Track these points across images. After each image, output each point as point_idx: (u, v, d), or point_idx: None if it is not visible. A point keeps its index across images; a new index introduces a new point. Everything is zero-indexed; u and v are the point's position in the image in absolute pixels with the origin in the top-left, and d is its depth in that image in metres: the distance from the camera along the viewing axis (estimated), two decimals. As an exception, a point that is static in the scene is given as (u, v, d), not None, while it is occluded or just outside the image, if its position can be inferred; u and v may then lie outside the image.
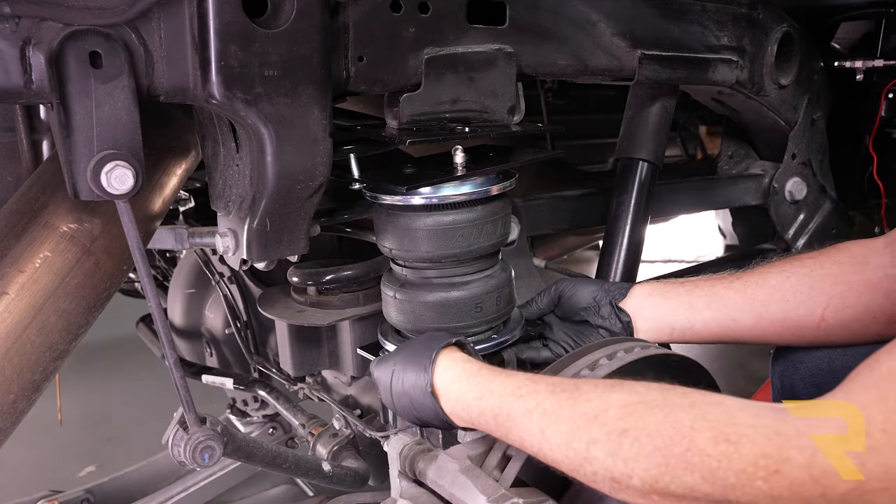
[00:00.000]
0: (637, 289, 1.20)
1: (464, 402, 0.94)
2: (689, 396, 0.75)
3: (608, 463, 0.75)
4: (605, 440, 0.76)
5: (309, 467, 1.36)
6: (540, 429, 0.82)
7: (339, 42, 0.98)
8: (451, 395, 0.96)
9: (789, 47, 1.62)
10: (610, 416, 0.77)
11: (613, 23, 1.26)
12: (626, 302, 1.19)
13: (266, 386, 1.76)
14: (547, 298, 1.26)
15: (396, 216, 1.12)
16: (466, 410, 0.93)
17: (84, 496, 2.00)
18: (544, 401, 0.84)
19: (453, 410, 0.96)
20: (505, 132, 1.18)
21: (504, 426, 0.88)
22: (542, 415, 0.83)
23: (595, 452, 0.76)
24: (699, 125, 2.77)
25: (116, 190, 0.85)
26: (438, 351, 1.00)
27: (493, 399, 0.90)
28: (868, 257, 1.05)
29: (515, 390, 0.88)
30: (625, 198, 1.47)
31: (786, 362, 1.16)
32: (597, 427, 0.77)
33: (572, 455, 0.79)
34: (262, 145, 0.94)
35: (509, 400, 0.88)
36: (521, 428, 0.85)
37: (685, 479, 0.70)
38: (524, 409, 0.85)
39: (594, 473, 0.77)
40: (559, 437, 0.80)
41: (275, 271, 1.16)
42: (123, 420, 3.07)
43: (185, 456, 1.08)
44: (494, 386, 0.91)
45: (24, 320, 0.97)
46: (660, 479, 0.71)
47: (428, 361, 0.98)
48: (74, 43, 0.80)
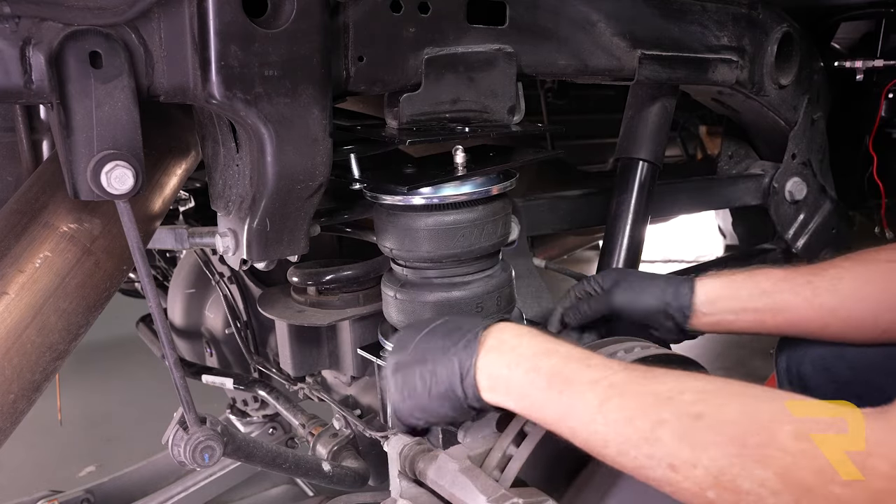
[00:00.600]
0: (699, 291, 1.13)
1: (515, 356, 0.89)
2: (769, 392, 0.72)
3: (673, 447, 0.70)
4: (675, 422, 0.71)
5: (309, 467, 1.36)
6: (600, 400, 0.78)
7: (339, 42, 0.98)
8: (505, 348, 0.91)
9: (789, 47, 1.62)
10: (685, 399, 0.72)
11: (613, 23, 1.26)
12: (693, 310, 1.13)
13: (266, 386, 1.76)
14: (594, 305, 1.17)
15: (397, 216, 1.12)
16: (512, 367, 0.88)
17: (84, 496, 2.00)
18: (614, 374, 0.80)
19: (490, 371, 0.90)
20: (505, 132, 1.18)
21: (555, 390, 0.83)
22: (608, 387, 0.78)
23: (661, 434, 0.72)
24: (699, 125, 2.77)
25: (116, 190, 0.85)
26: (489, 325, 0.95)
27: (556, 359, 0.86)
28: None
29: (584, 359, 0.85)
30: (625, 198, 1.47)
31: (794, 346, 1.15)
32: (669, 408, 0.72)
33: (630, 433, 0.74)
34: (262, 145, 0.94)
35: (575, 365, 0.84)
36: (575, 395, 0.80)
37: (757, 472, 0.65)
38: (589, 378, 0.81)
39: (650, 457, 0.72)
40: (621, 411, 0.75)
41: (275, 271, 1.16)
42: (123, 420, 3.07)
43: (185, 456, 1.08)
44: (563, 349, 0.87)
45: (24, 320, 0.97)
46: (728, 471, 0.67)
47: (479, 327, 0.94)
48: (74, 43, 0.80)
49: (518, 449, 0.95)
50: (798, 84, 1.70)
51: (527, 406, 0.87)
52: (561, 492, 0.95)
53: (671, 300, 1.13)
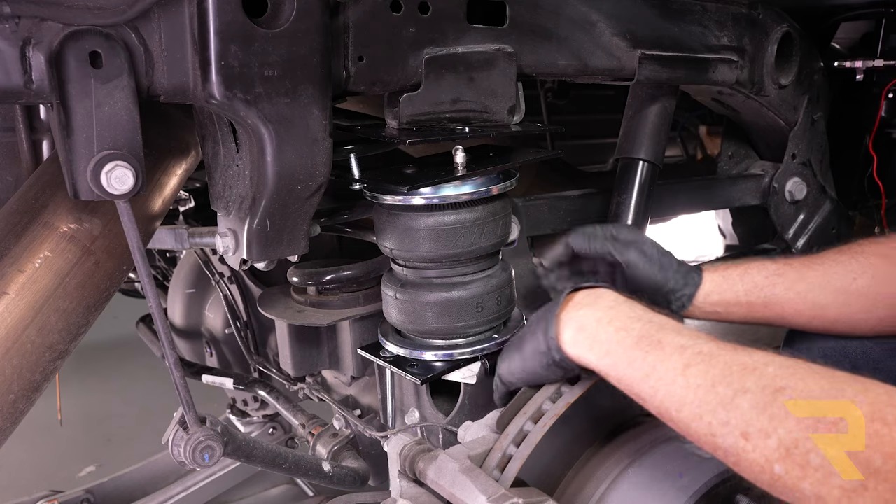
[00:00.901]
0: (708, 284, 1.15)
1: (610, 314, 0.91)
2: (852, 375, 0.71)
3: (750, 416, 0.71)
4: (757, 392, 0.72)
5: (309, 467, 1.36)
6: (685, 364, 0.79)
7: (339, 42, 0.98)
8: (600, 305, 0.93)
9: (789, 47, 1.62)
10: (769, 371, 0.73)
11: (613, 23, 1.26)
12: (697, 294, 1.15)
13: (266, 386, 1.76)
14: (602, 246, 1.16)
15: (397, 216, 1.12)
16: (602, 323, 0.90)
17: (84, 496, 2.00)
18: (704, 344, 0.81)
19: (582, 327, 0.92)
20: (505, 132, 1.18)
21: (641, 350, 0.85)
22: (695, 353, 0.80)
23: (740, 401, 0.72)
24: (699, 125, 2.77)
25: (116, 190, 0.85)
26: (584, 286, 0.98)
27: (650, 325, 0.87)
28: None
29: (677, 327, 0.87)
30: (625, 198, 1.47)
31: (799, 345, 1.16)
32: (753, 378, 0.73)
33: (710, 398, 0.75)
34: (262, 145, 0.94)
35: (669, 332, 0.85)
36: (662, 357, 0.82)
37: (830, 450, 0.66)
38: (678, 343, 0.83)
39: (724, 423, 0.73)
40: (704, 376, 0.77)
41: (275, 271, 1.16)
42: (123, 420, 3.08)
43: (185, 456, 1.08)
44: (658, 317, 0.90)
45: (24, 320, 0.97)
46: (802, 444, 0.67)
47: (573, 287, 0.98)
48: (74, 43, 0.80)
49: (518, 449, 0.95)
50: (798, 84, 1.70)
51: (608, 364, 0.88)
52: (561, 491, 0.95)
53: (679, 285, 1.14)
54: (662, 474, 0.99)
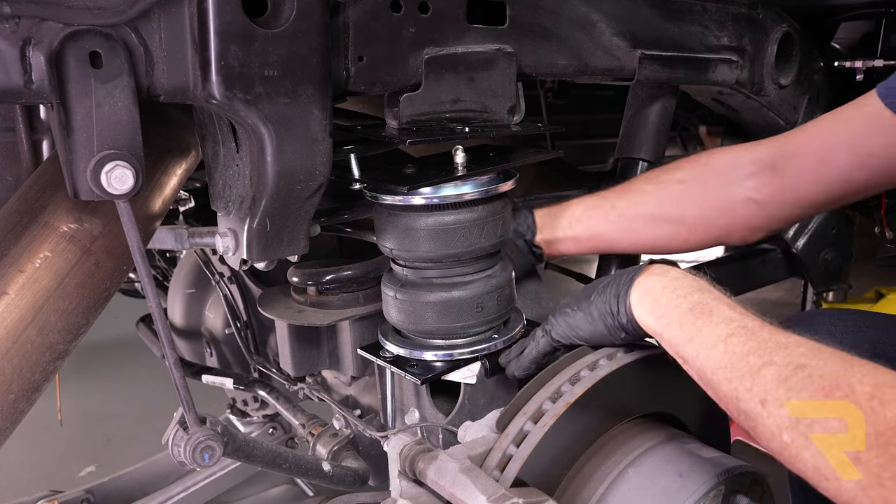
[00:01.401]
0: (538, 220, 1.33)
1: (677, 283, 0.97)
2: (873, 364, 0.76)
3: (771, 386, 0.77)
4: (782, 366, 0.78)
5: (309, 467, 1.36)
6: (728, 333, 0.86)
7: (339, 42, 0.98)
8: (669, 275, 0.99)
9: (789, 47, 1.62)
10: (798, 351, 0.79)
11: (613, 23, 1.26)
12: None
13: (266, 386, 1.76)
14: None
15: (397, 216, 1.12)
16: (667, 290, 0.96)
17: (84, 496, 2.00)
18: (750, 320, 0.87)
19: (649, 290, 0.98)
20: (505, 132, 1.18)
21: (692, 315, 0.91)
22: (740, 326, 0.86)
23: (766, 372, 0.79)
24: (699, 125, 2.78)
25: (116, 190, 0.85)
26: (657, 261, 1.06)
27: (707, 297, 0.93)
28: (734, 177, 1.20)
29: (731, 303, 0.93)
30: (625, 198, 1.47)
31: None
32: (782, 354, 0.79)
33: (741, 366, 0.81)
34: (262, 145, 0.94)
35: (721, 304, 0.92)
36: (709, 324, 0.89)
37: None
38: (727, 315, 0.89)
39: (748, 389, 0.79)
40: (742, 346, 0.83)
41: (275, 271, 1.16)
42: (123, 420, 3.07)
43: (185, 456, 1.08)
44: (717, 293, 0.95)
45: (24, 320, 0.97)
46: (809, 416, 0.73)
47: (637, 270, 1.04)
48: (74, 43, 0.80)
49: (518, 449, 0.95)
50: (798, 84, 1.70)
51: (663, 325, 0.95)
52: (561, 491, 0.95)
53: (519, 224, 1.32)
54: (662, 474, 0.99)
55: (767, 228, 1.26)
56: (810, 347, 0.79)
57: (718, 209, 1.23)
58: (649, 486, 0.98)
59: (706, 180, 1.23)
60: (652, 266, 1.03)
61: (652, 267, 1.03)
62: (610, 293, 1.03)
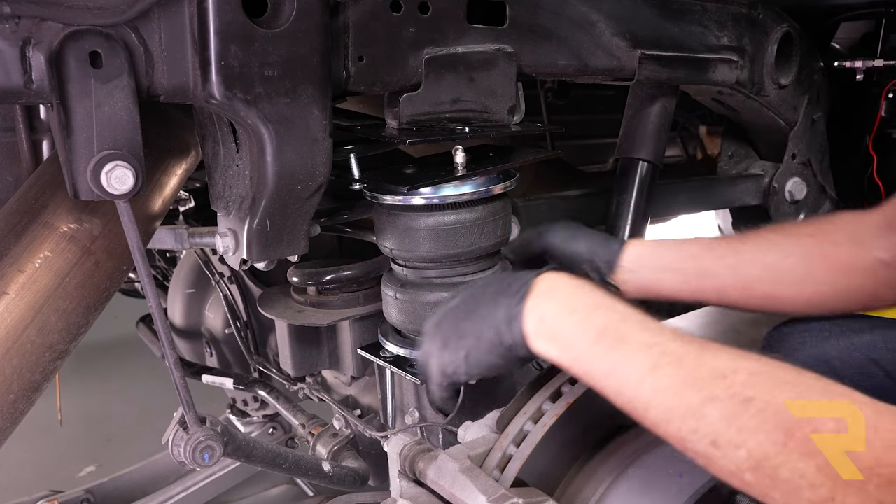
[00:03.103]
0: (629, 251, 1.15)
1: (570, 305, 0.87)
2: (822, 381, 0.71)
3: (719, 426, 0.71)
4: (726, 401, 0.71)
5: (309, 467, 1.36)
6: (652, 365, 0.77)
7: (339, 42, 0.98)
8: (559, 294, 0.89)
9: (789, 47, 1.62)
10: (738, 379, 0.72)
11: (613, 23, 1.26)
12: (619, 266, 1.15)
13: (266, 386, 1.76)
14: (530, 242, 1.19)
15: (397, 216, 1.12)
16: (565, 314, 0.86)
17: (84, 496, 2.00)
18: (669, 342, 0.79)
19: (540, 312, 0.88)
20: (505, 132, 1.18)
21: (603, 346, 0.82)
22: (661, 353, 0.78)
23: (709, 410, 0.72)
24: (699, 125, 2.77)
25: (116, 190, 0.85)
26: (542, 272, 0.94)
27: (611, 315, 0.84)
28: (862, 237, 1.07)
29: (641, 321, 0.83)
30: (625, 198, 1.47)
31: (777, 349, 1.15)
32: (721, 386, 0.72)
33: (677, 404, 0.74)
34: (262, 145, 0.94)
35: (631, 325, 0.82)
36: (626, 356, 0.80)
37: (798, 465, 0.66)
38: (642, 341, 0.80)
39: (694, 431, 0.73)
40: (672, 380, 0.75)
41: (275, 271, 1.16)
42: (123, 420, 3.07)
43: (185, 456, 1.08)
44: (620, 307, 0.86)
45: (24, 320, 0.97)
46: (772, 459, 0.68)
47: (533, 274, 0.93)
48: (74, 43, 0.80)
49: (518, 449, 0.95)
50: (798, 84, 1.70)
51: (571, 358, 0.85)
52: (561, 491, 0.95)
53: (599, 250, 1.14)
54: (662, 474, 0.99)
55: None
56: (750, 373, 0.73)
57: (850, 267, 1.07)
58: (650, 486, 0.98)
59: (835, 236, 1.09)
60: (538, 281, 0.92)
61: (538, 283, 0.91)
62: (497, 320, 0.90)
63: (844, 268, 1.06)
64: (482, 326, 0.92)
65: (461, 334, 0.94)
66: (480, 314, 0.92)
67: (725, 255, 1.12)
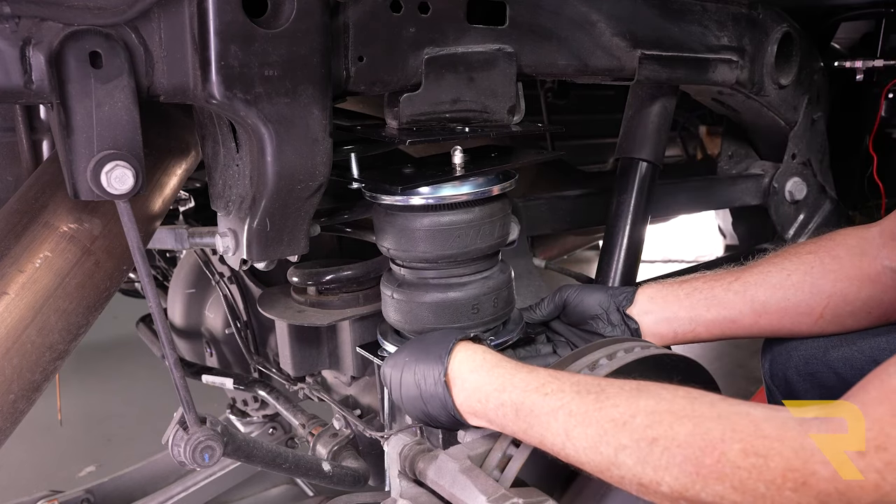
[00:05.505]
0: (641, 294, 1.20)
1: (482, 392, 0.93)
2: (716, 407, 0.76)
3: (637, 470, 0.77)
4: (634, 447, 0.77)
5: (309, 467, 1.35)
6: (565, 430, 0.83)
7: (339, 42, 0.98)
8: (468, 384, 0.96)
9: (789, 47, 1.62)
10: (638, 423, 0.78)
11: (613, 23, 1.26)
12: (632, 308, 1.19)
13: (266, 386, 1.76)
14: (551, 306, 1.25)
15: (395, 216, 1.12)
16: (483, 402, 0.93)
17: (84, 496, 2.00)
18: (570, 402, 0.85)
19: (466, 402, 0.95)
20: (505, 132, 1.18)
21: (525, 421, 0.88)
22: (567, 416, 0.84)
23: (623, 458, 0.78)
24: (699, 125, 2.78)
25: (116, 190, 0.85)
26: (455, 343, 1.00)
27: (515, 392, 0.90)
28: (865, 249, 1.07)
29: (540, 387, 0.89)
30: (625, 198, 1.47)
31: (777, 351, 1.16)
32: (626, 434, 0.78)
33: (599, 459, 0.80)
34: (262, 145, 0.94)
35: (533, 396, 0.88)
36: (543, 426, 0.86)
37: (716, 488, 0.72)
38: (549, 408, 0.86)
39: (622, 478, 0.79)
40: (586, 440, 0.81)
41: (275, 271, 1.16)
42: (123, 420, 3.07)
43: (185, 456, 1.08)
44: (517, 380, 0.91)
45: (24, 320, 0.97)
46: (690, 488, 0.73)
47: (444, 351, 0.99)
48: (74, 43, 0.80)
49: (518, 449, 0.95)
50: (798, 84, 1.70)
51: (500, 426, 0.93)
52: (560, 492, 0.95)
53: (614, 293, 1.21)
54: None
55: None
56: (647, 413, 0.78)
57: (855, 276, 1.07)
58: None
59: (836, 251, 1.10)
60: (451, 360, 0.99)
61: (451, 362, 0.98)
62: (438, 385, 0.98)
63: (850, 278, 1.07)
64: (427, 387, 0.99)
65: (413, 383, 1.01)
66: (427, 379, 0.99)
67: (732, 283, 1.15)
